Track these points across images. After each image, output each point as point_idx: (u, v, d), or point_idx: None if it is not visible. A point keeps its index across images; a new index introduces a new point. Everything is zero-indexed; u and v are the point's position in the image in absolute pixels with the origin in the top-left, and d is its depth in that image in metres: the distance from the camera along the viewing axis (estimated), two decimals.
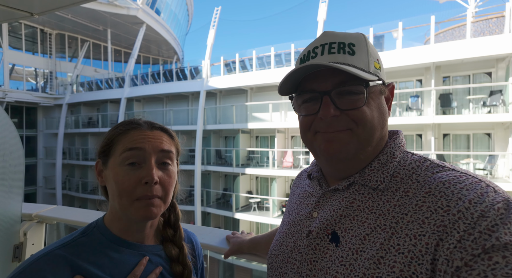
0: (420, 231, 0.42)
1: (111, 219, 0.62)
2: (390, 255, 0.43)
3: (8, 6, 1.26)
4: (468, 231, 0.39)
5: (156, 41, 21.41)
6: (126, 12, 16.99)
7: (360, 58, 0.52)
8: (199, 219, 12.46)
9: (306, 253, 0.54)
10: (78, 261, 0.54)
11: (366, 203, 0.51)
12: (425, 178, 0.48)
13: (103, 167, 0.62)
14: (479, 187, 0.43)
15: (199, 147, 12.53)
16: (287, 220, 0.65)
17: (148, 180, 0.57)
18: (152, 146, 0.60)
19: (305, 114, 0.56)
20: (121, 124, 0.64)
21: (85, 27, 18.45)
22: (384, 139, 0.56)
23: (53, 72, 18.61)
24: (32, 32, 18.18)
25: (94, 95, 16.45)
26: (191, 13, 27.31)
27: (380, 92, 0.55)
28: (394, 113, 10.07)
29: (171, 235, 0.69)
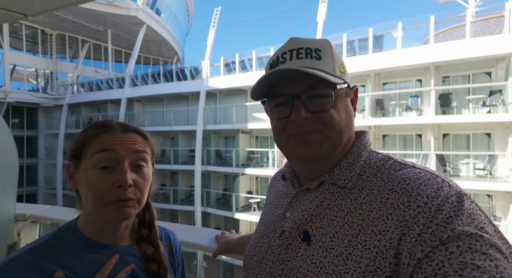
0: (384, 227, 0.45)
1: (85, 221, 0.62)
2: (357, 251, 0.45)
3: (2, 7, 1.27)
4: (427, 224, 0.41)
5: (157, 41, 21.44)
6: (126, 12, 17.02)
7: (326, 63, 0.55)
8: (199, 219, 12.47)
9: (279, 253, 0.55)
10: (48, 264, 0.53)
11: (335, 202, 0.53)
12: (388, 176, 0.51)
13: (74, 170, 0.61)
14: (436, 182, 0.46)
15: (199, 147, 12.55)
16: (263, 221, 0.67)
17: (122, 183, 0.57)
18: (125, 148, 0.59)
19: (278, 118, 0.58)
20: (93, 127, 0.62)
21: (85, 28, 18.49)
22: (351, 139, 0.59)
23: (54, 73, 18.66)
24: (33, 32, 18.23)
25: (94, 96, 16.49)
26: (191, 14, 27.34)
27: (346, 95, 0.58)
28: (394, 113, 10.07)
29: (146, 235, 0.68)
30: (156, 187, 0.76)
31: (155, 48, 23.32)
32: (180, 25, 24.63)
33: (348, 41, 10.74)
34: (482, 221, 0.41)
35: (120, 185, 0.57)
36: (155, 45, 22.39)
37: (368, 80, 10.06)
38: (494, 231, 0.40)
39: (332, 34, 11.69)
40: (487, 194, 8.80)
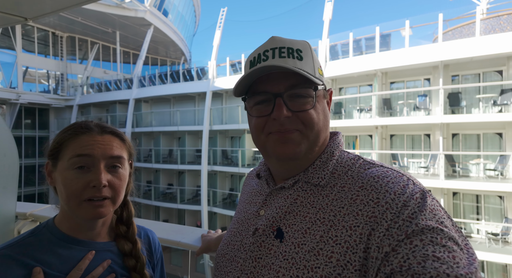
0: (355, 222, 0.46)
1: (61, 218, 0.64)
2: (328, 246, 0.47)
3: (1, 11, 1.30)
4: (394, 220, 0.43)
5: (164, 42, 21.65)
6: (134, 14, 17.23)
7: (307, 64, 0.56)
8: (205, 219, 12.54)
9: (251, 250, 0.56)
10: (26, 259, 0.55)
11: (308, 199, 0.55)
12: (358, 174, 0.53)
13: (53, 169, 0.63)
14: (402, 180, 0.49)
15: (205, 147, 12.62)
16: (236, 219, 0.68)
17: (96, 184, 0.58)
18: (101, 152, 0.61)
19: (258, 116, 0.58)
20: (71, 128, 0.64)
21: (94, 30, 18.81)
22: (327, 139, 0.61)
23: (64, 74, 19.04)
24: (44, 35, 18.65)
25: (103, 97, 16.77)
26: (198, 14, 27.50)
27: (323, 97, 0.60)
28: (402, 113, 9.92)
29: (123, 231, 0.70)
30: (162, 187, 0.77)
31: (163, 49, 23.55)
32: (187, 26, 24.81)
33: (354, 40, 10.64)
34: (442, 216, 0.44)
35: (94, 185, 0.58)
36: (162, 46, 22.61)
37: (375, 80, 9.94)
38: (452, 225, 0.44)
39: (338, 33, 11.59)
40: (499, 195, 8.58)
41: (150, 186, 14.90)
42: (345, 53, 11.05)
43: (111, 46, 21.30)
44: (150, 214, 15.62)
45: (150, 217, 15.54)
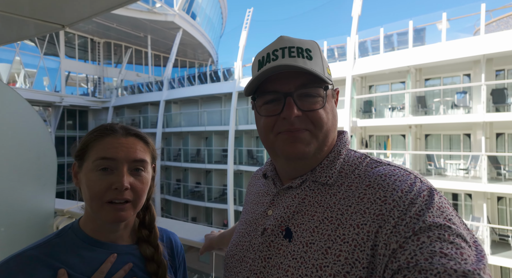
0: (362, 220, 0.47)
1: (85, 220, 0.65)
2: (336, 245, 0.47)
3: (42, 19, 1.39)
4: (401, 217, 0.44)
5: (192, 45, 22.26)
6: (164, 18, 17.92)
7: (317, 64, 0.56)
8: (232, 217, 12.70)
9: (261, 250, 0.56)
10: (51, 261, 0.56)
11: (316, 198, 0.55)
12: (365, 173, 0.53)
13: (78, 169, 0.64)
14: (409, 178, 0.49)
15: (231, 147, 12.77)
16: (244, 220, 0.68)
17: (118, 186, 0.59)
18: (124, 155, 0.61)
19: (267, 115, 0.57)
20: (97, 130, 0.65)
21: (128, 35, 19.84)
22: (335, 139, 0.61)
23: (101, 78, 20.32)
24: (84, 41, 20.03)
25: (136, 98, 17.62)
26: (225, 16, 27.94)
27: (332, 96, 0.60)
28: (438, 111, 9.30)
29: (146, 235, 0.69)
30: (191, 185, 0.77)
31: (191, 51, 24.23)
32: (214, 28, 25.30)
33: (385, 36, 10.16)
34: (450, 213, 0.44)
35: (116, 187, 0.59)
36: (190, 48, 23.26)
37: (408, 77, 9.41)
38: (460, 223, 0.44)
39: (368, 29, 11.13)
40: None
41: (180, 184, 15.40)
42: (375, 49, 10.60)
43: (143, 50, 22.33)
44: (180, 211, 16.15)
45: (179, 215, 16.06)
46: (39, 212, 1.34)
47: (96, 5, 1.28)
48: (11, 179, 1.29)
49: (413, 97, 9.34)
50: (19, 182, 1.30)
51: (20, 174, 1.30)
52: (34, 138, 1.37)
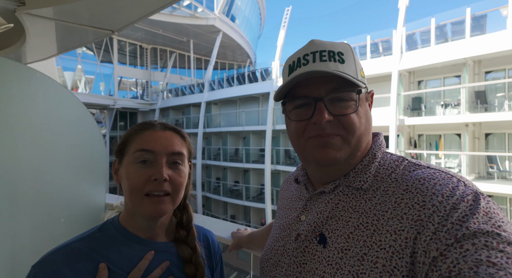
0: (399, 226, 0.44)
1: (125, 216, 0.66)
2: (373, 251, 0.45)
3: (96, 27, 1.52)
4: (442, 223, 0.41)
5: (231, 47, 22.79)
6: (205, 22, 18.62)
7: (349, 66, 0.54)
8: (269, 217, 12.72)
9: (295, 256, 0.56)
10: (92, 254, 0.58)
11: (350, 203, 0.53)
12: (402, 177, 0.50)
13: (118, 166, 0.66)
14: (451, 181, 0.46)
15: (268, 146, 12.78)
16: (278, 225, 0.67)
17: (158, 177, 0.60)
18: (163, 147, 0.63)
19: (298, 120, 0.56)
20: (137, 125, 0.68)
21: (172, 40, 21.02)
22: (369, 143, 0.59)
23: (149, 82, 21.82)
24: (133, 48, 21.71)
25: (179, 100, 18.58)
26: (263, 17, 28.08)
27: (366, 99, 0.58)
28: (502, 108, 8.23)
29: (184, 236, 0.69)
30: (230, 184, 0.78)
31: (230, 53, 24.82)
32: (253, 29, 25.58)
33: (437, 27, 9.29)
34: (500, 219, 0.40)
35: (156, 178, 0.60)
36: (230, 50, 23.83)
37: (464, 70, 8.49)
38: None
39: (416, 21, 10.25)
40: None
41: (219, 182, 15.85)
42: (425, 42, 9.75)
43: (186, 54, 23.46)
44: (219, 209, 16.64)
45: (219, 212, 16.55)
46: (92, 205, 1.46)
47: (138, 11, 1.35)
48: (69, 175, 1.43)
49: (470, 93, 8.40)
50: (76, 178, 1.43)
51: (76, 170, 1.43)
52: (88, 138, 1.50)
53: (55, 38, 1.83)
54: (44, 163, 1.42)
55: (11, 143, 1.34)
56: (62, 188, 1.41)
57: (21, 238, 1.38)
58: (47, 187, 1.43)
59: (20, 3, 1.33)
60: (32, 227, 1.41)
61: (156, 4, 1.30)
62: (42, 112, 1.40)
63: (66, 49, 2.07)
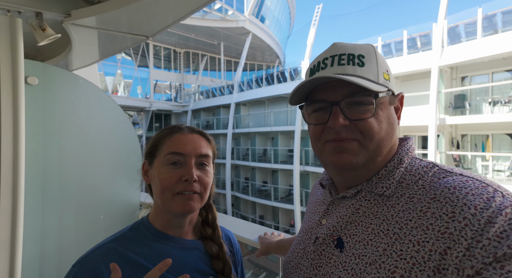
0: (424, 237, 0.42)
1: (155, 215, 0.70)
2: (392, 260, 0.44)
3: (133, 33, 1.60)
4: (476, 238, 0.38)
5: (260, 48, 22.90)
6: (235, 24, 18.92)
7: (370, 70, 0.53)
8: (298, 218, 12.55)
9: (312, 258, 0.56)
10: (126, 252, 0.62)
11: (371, 209, 0.52)
12: (431, 184, 0.47)
13: (149, 167, 0.70)
14: (486, 191, 0.42)
15: (297, 147, 12.62)
16: (302, 229, 0.68)
17: (188, 177, 0.64)
18: (192, 150, 0.67)
19: (315, 124, 0.57)
20: (166, 129, 0.72)
21: (204, 44, 21.66)
22: (394, 148, 0.57)
23: (182, 85, 22.70)
24: (168, 53, 22.72)
25: (210, 102, 19.08)
26: (293, 16, 27.85)
27: (389, 103, 0.56)
28: None
29: (210, 234, 0.73)
30: (258, 184, 0.81)
31: (259, 54, 24.95)
32: (282, 29, 25.48)
33: (485, 17, 8.51)
34: None
35: (186, 179, 0.64)
36: (259, 51, 23.97)
37: None
38: None
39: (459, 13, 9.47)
40: None
41: (248, 182, 15.98)
42: (470, 34, 8.99)
43: (216, 56, 24.03)
44: (248, 208, 16.78)
45: (247, 212, 16.70)
46: (128, 204, 1.54)
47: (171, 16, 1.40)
48: (108, 175, 1.51)
49: None
50: (113, 178, 1.51)
51: (114, 171, 1.51)
52: (125, 140, 1.58)
53: (97, 46, 1.96)
54: (86, 164, 1.52)
55: (57, 144, 1.45)
56: (102, 188, 1.50)
57: (67, 233, 1.49)
58: (88, 187, 1.53)
59: (67, 14, 1.44)
60: (75, 223, 1.52)
61: (187, 9, 1.34)
62: (84, 115, 1.50)
63: (106, 55, 2.21)
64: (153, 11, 1.40)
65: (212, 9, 17.92)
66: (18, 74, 1.27)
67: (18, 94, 1.26)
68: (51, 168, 1.44)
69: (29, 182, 1.34)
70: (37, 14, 1.37)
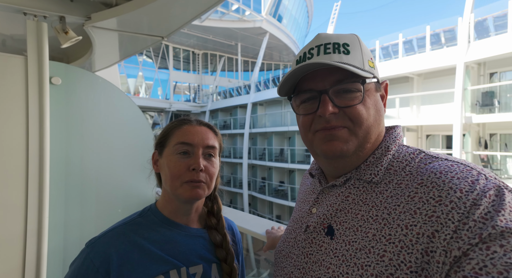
0: (411, 221, 0.43)
1: (164, 202, 0.73)
2: (381, 245, 0.44)
3: (149, 34, 1.66)
4: (463, 221, 0.39)
5: (277, 47, 22.84)
6: (253, 25, 19.00)
7: (355, 57, 0.54)
8: None
9: (303, 247, 0.57)
10: (135, 237, 0.66)
11: (360, 196, 0.53)
12: (418, 169, 0.48)
13: (159, 157, 0.74)
14: (470, 175, 0.43)
15: None
16: (292, 218, 0.69)
17: (195, 167, 0.67)
18: (200, 140, 0.71)
19: (304, 114, 0.57)
20: (176, 121, 0.76)
21: (222, 45, 21.92)
22: (381, 135, 0.57)
23: (200, 85, 23.09)
24: (187, 55, 23.20)
25: (227, 102, 19.27)
26: (311, 15, 27.55)
27: (375, 90, 0.57)
28: None
29: (214, 224, 0.77)
30: (275, 184, 0.86)
31: (276, 54, 24.89)
32: (300, 28, 25.28)
33: None
34: None
35: (194, 168, 0.68)
36: (276, 51, 23.92)
37: None
38: None
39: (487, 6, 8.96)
40: None
41: (264, 182, 16.00)
42: (500, 28, 8.50)
43: (234, 57, 24.24)
44: (265, 208, 16.80)
45: (264, 211, 16.71)
46: (143, 198, 1.60)
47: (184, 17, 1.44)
48: (125, 171, 1.58)
49: None
50: (130, 173, 1.58)
51: (131, 166, 1.58)
52: (141, 137, 1.64)
53: (116, 47, 2.06)
54: (105, 160, 1.60)
55: (79, 141, 1.53)
56: (119, 183, 1.57)
57: (87, 224, 1.57)
58: (107, 182, 1.60)
59: (87, 17, 1.52)
60: (96, 215, 1.60)
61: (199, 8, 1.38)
62: (103, 113, 1.58)
63: (125, 56, 2.31)
64: (167, 12, 1.45)
65: (230, 10, 18.10)
66: (44, 74, 1.36)
67: (43, 93, 1.35)
68: (73, 163, 1.53)
69: (53, 177, 1.44)
70: (61, 18, 1.46)
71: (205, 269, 0.69)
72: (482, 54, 7.93)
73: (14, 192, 1.31)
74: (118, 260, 0.61)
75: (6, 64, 1.30)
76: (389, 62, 10.36)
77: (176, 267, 0.65)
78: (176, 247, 0.68)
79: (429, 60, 8.91)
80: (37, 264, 1.34)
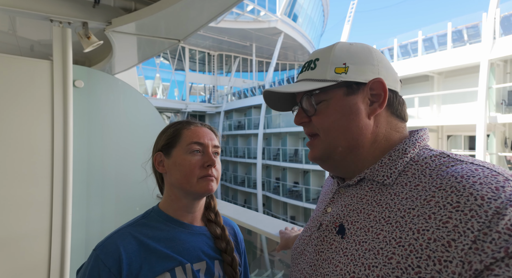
0: (424, 226, 0.41)
1: (168, 202, 0.76)
2: (390, 247, 0.44)
3: (166, 37, 1.71)
4: (483, 231, 0.36)
5: (292, 47, 22.73)
6: (267, 25, 19.01)
7: (318, 70, 0.58)
8: None
9: (316, 244, 0.58)
10: (140, 236, 0.69)
11: (374, 197, 0.52)
12: (438, 172, 0.46)
13: (164, 158, 0.76)
14: (495, 180, 0.39)
15: None
16: (311, 217, 0.71)
17: (211, 163, 0.73)
18: (209, 140, 0.77)
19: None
20: (182, 122, 0.80)
21: (236, 46, 22.08)
22: (380, 135, 0.57)
23: (215, 86, 23.36)
24: (202, 56, 23.54)
25: (242, 103, 19.37)
26: (326, 13, 27.22)
27: (345, 94, 0.56)
28: None
29: (212, 217, 0.81)
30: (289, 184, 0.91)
31: (291, 54, 24.77)
32: (315, 27, 25.03)
33: None
34: None
35: (209, 164, 0.73)
36: (291, 51, 23.80)
37: None
38: None
39: None
40: None
41: (278, 183, 15.95)
42: None
43: (248, 58, 24.35)
44: (279, 209, 16.75)
45: (279, 212, 16.66)
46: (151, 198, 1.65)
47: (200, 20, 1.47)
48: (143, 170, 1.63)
49: None
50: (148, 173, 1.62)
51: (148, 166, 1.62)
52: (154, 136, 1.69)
53: (136, 50, 2.13)
54: (124, 160, 1.66)
55: (99, 142, 1.60)
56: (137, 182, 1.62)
57: (108, 221, 1.64)
58: (126, 181, 1.66)
59: (108, 23, 1.58)
60: (115, 213, 1.66)
61: (215, 11, 1.40)
62: (122, 115, 1.64)
63: (143, 59, 2.38)
64: (184, 16, 1.48)
65: (245, 11, 18.19)
66: (68, 78, 1.42)
67: (67, 96, 1.42)
68: (94, 163, 1.60)
69: (76, 176, 1.50)
70: (84, 24, 1.53)
71: (208, 265, 0.72)
72: (508, 51, 7.54)
73: (40, 191, 1.38)
74: (127, 259, 0.64)
75: (35, 69, 1.38)
76: (407, 61, 10.06)
77: (181, 264, 0.68)
78: (180, 245, 0.71)
79: (451, 58, 8.58)
80: (62, 257, 1.42)
